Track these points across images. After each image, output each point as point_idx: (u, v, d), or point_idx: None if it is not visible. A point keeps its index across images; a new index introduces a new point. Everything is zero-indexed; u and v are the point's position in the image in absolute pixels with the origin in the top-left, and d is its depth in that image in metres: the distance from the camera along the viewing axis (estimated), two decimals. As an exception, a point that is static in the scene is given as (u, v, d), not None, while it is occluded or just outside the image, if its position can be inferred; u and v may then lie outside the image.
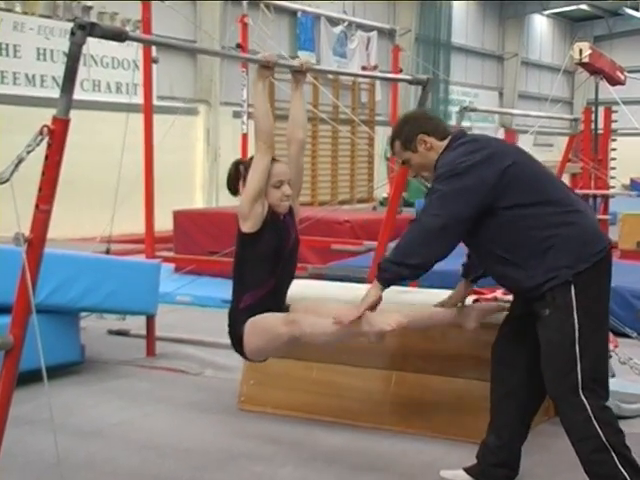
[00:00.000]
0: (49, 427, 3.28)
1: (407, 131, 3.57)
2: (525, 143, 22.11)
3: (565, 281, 3.24)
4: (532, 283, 3.31)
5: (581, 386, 3.22)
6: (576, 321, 3.23)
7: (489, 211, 3.33)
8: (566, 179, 14.28)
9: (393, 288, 3.49)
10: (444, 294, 3.96)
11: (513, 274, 3.37)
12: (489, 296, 4.26)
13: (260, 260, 3.68)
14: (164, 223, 9.18)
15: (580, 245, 3.28)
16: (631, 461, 3.25)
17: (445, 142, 3.54)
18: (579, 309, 3.23)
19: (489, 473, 3.62)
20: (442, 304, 3.87)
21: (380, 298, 3.44)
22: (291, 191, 3.74)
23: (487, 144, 3.47)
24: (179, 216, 10.06)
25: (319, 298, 4.09)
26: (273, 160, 3.73)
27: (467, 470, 3.67)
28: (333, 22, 17.85)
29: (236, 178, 3.81)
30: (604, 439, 3.20)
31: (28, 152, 3.00)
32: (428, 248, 3.33)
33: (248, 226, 3.65)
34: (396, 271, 3.36)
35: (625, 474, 3.20)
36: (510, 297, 4.27)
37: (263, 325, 3.63)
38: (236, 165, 3.84)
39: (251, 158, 3.75)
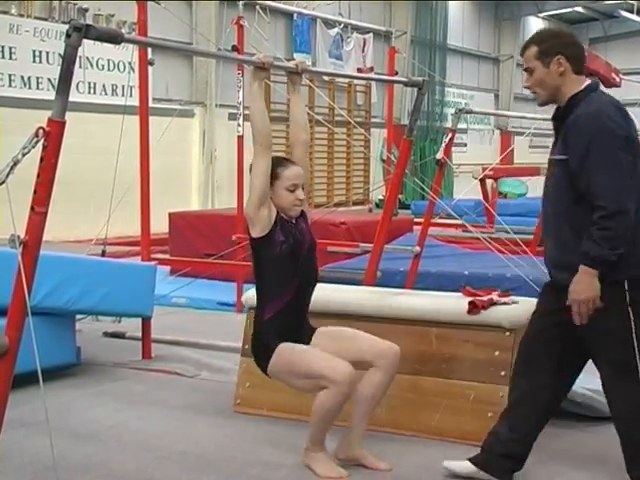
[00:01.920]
0: (45, 429, 3.28)
1: (551, 44, 3.43)
2: (521, 145, 22.17)
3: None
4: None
5: None
6: (631, 313, 3.28)
7: None
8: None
9: (388, 290, 3.49)
10: (438, 295, 3.96)
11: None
12: (484, 298, 4.26)
13: (276, 263, 3.64)
14: (160, 225, 9.18)
15: None
16: None
17: (578, 78, 3.42)
18: (633, 304, 3.28)
19: (495, 463, 3.59)
20: None
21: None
22: (304, 195, 3.70)
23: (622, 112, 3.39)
24: (175, 218, 10.06)
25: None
26: (288, 162, 3.69)
27: (471, 460, 3.65)
28: (329, 24, 17.83)
29: None
30: None
31: (23, 154, 3.00)
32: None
33: (257, 231, 3.62)
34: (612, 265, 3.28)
35: None
36: (506, 299, 4.27)
37: (299, 368, 3.61)
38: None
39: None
